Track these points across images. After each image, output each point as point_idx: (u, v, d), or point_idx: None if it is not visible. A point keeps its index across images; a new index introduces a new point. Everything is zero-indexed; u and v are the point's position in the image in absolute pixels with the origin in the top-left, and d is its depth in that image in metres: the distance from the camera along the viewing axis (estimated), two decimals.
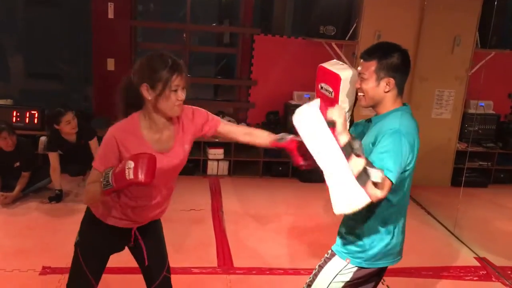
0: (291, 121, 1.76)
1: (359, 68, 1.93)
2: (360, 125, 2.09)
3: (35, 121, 5.09)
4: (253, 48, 5.65)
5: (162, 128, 1.90)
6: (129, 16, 5.35)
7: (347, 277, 1.95)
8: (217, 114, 5.86)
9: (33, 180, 4.40)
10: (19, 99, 5.65)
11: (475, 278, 3.53)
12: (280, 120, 5.56)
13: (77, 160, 4.39)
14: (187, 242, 3.71)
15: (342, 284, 1.96)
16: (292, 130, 1.85)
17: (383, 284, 3.31)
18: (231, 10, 6.12)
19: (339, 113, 1.69)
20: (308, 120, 1.69)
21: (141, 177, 1.65)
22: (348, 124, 2.01)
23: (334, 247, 2.02)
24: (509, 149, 5.68)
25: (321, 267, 2.01)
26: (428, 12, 5.01)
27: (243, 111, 5.87)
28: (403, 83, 1.91)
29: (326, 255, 2.04)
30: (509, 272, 3.65)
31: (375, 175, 1.63)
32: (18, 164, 4.31)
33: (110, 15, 5.25)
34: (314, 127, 1.68)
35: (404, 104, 1.95)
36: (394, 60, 1.86)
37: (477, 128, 5.71)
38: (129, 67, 1.93)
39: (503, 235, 4.37)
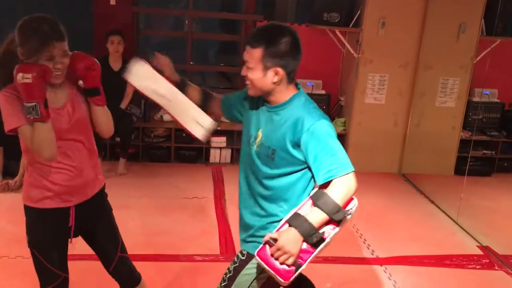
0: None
1: (244, 54, 1.75)
2: (242, 104, 2.00)
3: None
4: None
5: (53, 89, 1.86)
6: (131, 2, 5.31)
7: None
8: None
9: None
10: None
11: (478, 267, 3.52)
12: None
13: None
14: (189, 230, 3.72)
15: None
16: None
17: (385, 272, 3.31)
18: None
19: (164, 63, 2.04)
20: (141, 73, 1.98)
21: (35, 69, 1.68)
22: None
23: None
24: None
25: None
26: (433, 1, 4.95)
27: None
28: (294, 69, 1.73)
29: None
30: None
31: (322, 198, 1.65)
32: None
33: (112, 1, 5.20)
34: (150, 78, 1.98)
35: (297, 86, 1.81)
36: (282, 47, 1.66)
37: (481, 117, 5.67)
38: (131, 54, 1.94)
39: (506, 224, 4.36)
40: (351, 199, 1.68)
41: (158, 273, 3.04)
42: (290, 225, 1.65)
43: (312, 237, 1.61)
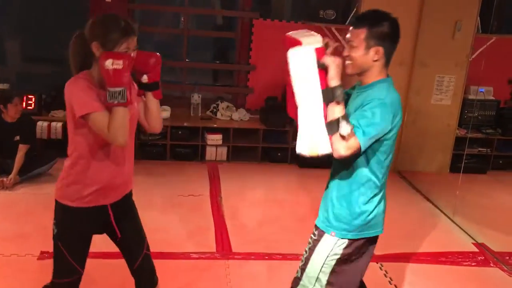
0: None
1: (348, 35, 1.90)
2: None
3: (32, 106, 5.06)
4: (252, 33, 5.59)
5: None
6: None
7: (338, 254, 1.95)
8: (215, 100, 5.83)
9: (31, 166, 4.38)
10: (16, 83, 5.60)
11: (473, 264, 3.54)
12: (279, 105, 5.52)
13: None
14: (185, 227, 3.71)
15: (334, 261, 1.96)
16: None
17: (381, 269, 3.31)
18: None
19: (333, 60, 1.77)
20: (301, 57, 1.77)
21: (126, 58, 1.74)
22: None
23: (317, 222, 2.03)
24: (508, 135, 5.67)
25: (311, 250, 2.01)
26: None
27: (241, 96, 5.83)
28: (391, 53, 1.90)
29: (312, 236, 2.03)
30: (507, 257, 3.66)
31: (345, 128, 1.71)
32: (18, 137, 4.31)
33: None
34: (304, 65, 1.76)
35: (387, 76, 1.94)
36: (384, 29, 1.84)
37: (476, 114, 5.69)
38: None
39: (501, 222, 4.37)
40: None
41: None
42: None
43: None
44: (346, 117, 1.74)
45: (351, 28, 1.89)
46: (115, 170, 1.98)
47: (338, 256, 1.96)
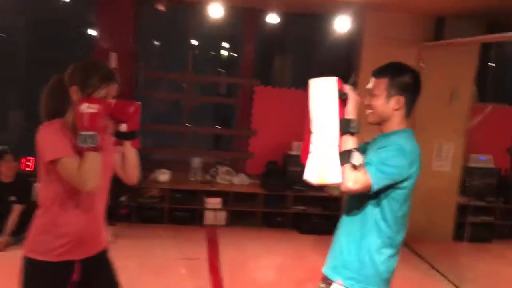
0: (291, 171, 1.79)
1: (369, 85, 1.92)
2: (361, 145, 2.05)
3: (31, 167, 5.05)
4: (253, 99, 5.71)
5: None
6: (132, 66, 5.43)
7: None
8: (215, 164, 5.80)
9: (25, 227, 4.24)
10: (16, 147, 5.61)
11: None
12: (279, 170, 5.50)
13: None
14: None
15: None
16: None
17: None
18: (231, 62, 6.24)
19: (354, 94, 1.80)
20: (324, 86, 1.80)
21: (101, 103, 1.73)
22: None
23: (324, 269, 1.94)
24: (511, 204, 5.59)
25: None
26: (425, 64, 5.09)
27: (242, 161, 5.83)
28: (412, 104, 1.90)
29: (321, 286, 1.94)
30: None
31: (357, 158, 1.71)
32: (13, 198, 4.22)
33: (113, 64, 5.33)
34: (326, 91, 1.78)
35: (407, 127, 1.93)
36: (406, 79, 1.87)
37: (478, 182, 5.65)
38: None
39: None
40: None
41: None
42: None
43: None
44: (359, 149, 1.74)
45: (372, 78, 1.92)
46: (86, 220, 1.90)
47: None
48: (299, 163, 6.14)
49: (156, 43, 6.63)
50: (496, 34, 4.00)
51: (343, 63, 5.24)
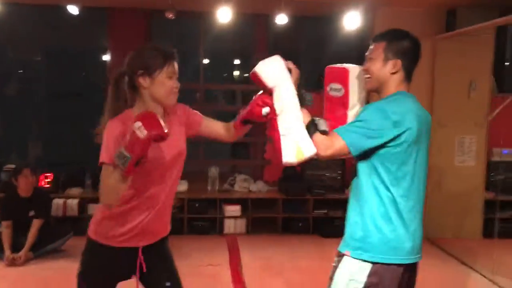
0: (310, 175, 1.81)
1: (367, 52, 1.89)
2: None
3: (49, 184, 5.04)
4: None
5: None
6: None
7: (360, 282, 1.75)
8: (232, 172, 5.73)
9: (44, 242, 4.23)
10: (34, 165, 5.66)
11: None
12: (297, 174, 5.40)
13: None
14: None
15: (360, 286, 1.75)
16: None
17: None
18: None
19: (293, 65, 1.83)
20: (272, 63, 1.80)
21: (155, 129, 1.59)
22: None
23: (338, 248, 1.88)
24: None
25: (330, 279, 1.84)
26: (440, 58, 5.02)
27: (259, 169, 5.75)
28: (411, 69, 1.85)
29: (333, 263, 1.87)
30: None
31: (322, 124, 1.76)
32: (32, 213, 4.20)
33: None
34: (277, 70, 1.79)
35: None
36: (404, 43, 1.82)
37: (503, 177, 5.48)
38: None
39: None
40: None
41: None
42: None
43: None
44: (319, 116, 1.78)
45: (371, 43, 1.88)
46: (152, 215, 1.85)
47: (361, 286, 1.74)
48: (318, 166, 6.04)
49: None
50: (510, 16, 3.90)
51: (355, 62, 5.17)
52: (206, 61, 5.94)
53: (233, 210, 5.07)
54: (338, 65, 2.02)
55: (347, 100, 1.91)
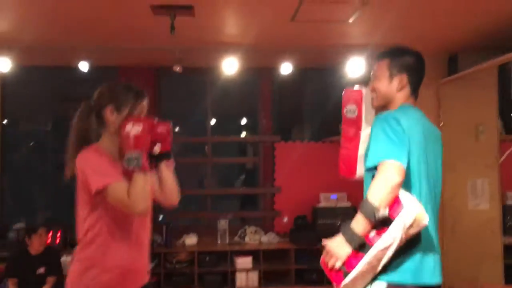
0: (321, 225, 1.82)
1: (372, 72, 1.93)
2: None
3: (57, 241, 4.99)
4: (275, 156, 5.66)
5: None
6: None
7: None
8: (242, 225, 5.68)
9: None
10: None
11: None
12: (308, 224, 5.31)
13: None
14: None
15: None
16: None
17: None
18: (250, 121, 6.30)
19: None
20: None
21: (145, 121, 1.72)
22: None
23: None
24: None
25: None
26: (445, 103, 5.06)
27: (269, 220, 5.67)
28: (417, 83, 1.87)
29: None
30: None
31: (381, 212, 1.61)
32: (42, 271, 4.12)
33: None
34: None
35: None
36: (407, 58, 1.86)
37: None
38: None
39: None
40: (396, 201, 1.55)
41: None
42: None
43: (354, 241, 1.63)
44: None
45: (375, 62, 1.92)
46: (133, 251, 1.80)
47: None
48: (328, 215, 5.92)
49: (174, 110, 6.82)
50: (510, 53, 3.96)
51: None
52: (213, 121, 6.06)
53: (244, 262, 4.94)
54: (356, 87, 2.09)
55: (360, 121, 1.92)
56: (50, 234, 4.94)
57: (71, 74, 5.20)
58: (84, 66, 4.57)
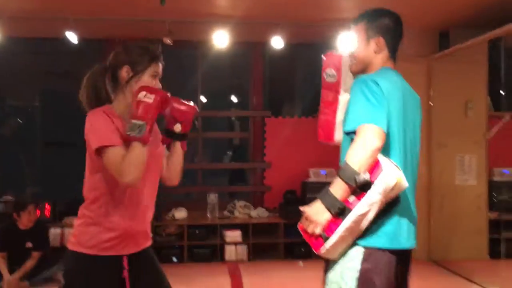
0: (311, 199, 1.76)
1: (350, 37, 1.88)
2: None
3: (47, 214, 4.97)
4: (265, 131, 5.66)
5: None
6: None
7: (356, 266, 1.67)
8: (231, 199, 5.70)
9: (40, 269, 4.12)
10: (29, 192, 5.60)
11: None
12: (298, 198, 5.34)
13: None
14: None
15: (355, 283, 1.66)
16: None
17: None
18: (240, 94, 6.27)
19: None
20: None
21: (159, 93, 1.68)
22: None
23: None
24: None
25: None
26: (435, 79, 5.06)
27: (259, 195, 5.69)
28: (395, 46, 1.82)
29: None
30: None
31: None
32: (30, 245, 4.11)
33: None
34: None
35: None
36: (384, 20, 1.80)
37: (506, 197, 5.43)
38: None
39: None
40: (376, 165, 1.56)
41: None
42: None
43: (334, 207, 1.60)
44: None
45: (351, 27, 1.87)
46: (136, 215, 1.80)
47: (356, 275, 1.66)
48: (318, 190, 6.01)
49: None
50: (502, 27, 3.96)
51: None
52: (203, 99, 6.02)
53: (234, 235, 4.98)
54: (336, 51, 2.06)
55: (339, 86, 1.93)
56: (39, 209, 4.92)
57: (57, 46, 5.12)
58: (72, 37, 4.47)
